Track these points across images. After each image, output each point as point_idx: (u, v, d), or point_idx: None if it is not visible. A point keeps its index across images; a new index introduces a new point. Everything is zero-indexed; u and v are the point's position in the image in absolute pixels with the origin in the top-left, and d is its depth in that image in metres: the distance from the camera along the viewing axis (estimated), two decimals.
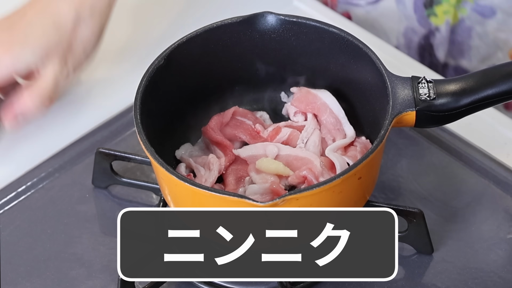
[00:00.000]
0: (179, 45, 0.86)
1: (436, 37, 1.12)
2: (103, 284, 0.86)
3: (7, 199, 0.93)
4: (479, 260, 0.86)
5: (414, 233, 0.85)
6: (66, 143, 0.99)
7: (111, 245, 0.89)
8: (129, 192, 0.93)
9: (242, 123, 0.90)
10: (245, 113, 0.91)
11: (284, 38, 0.88)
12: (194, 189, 0.75)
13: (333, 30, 0.86)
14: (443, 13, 1.09)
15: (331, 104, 0.88)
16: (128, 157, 0.91)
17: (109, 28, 1.01)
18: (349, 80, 0.88)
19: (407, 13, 1.11)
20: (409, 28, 1.13)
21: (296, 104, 0.90)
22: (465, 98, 0.79)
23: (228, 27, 0.88)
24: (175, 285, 0.85)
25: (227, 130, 0.90)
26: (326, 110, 0.88)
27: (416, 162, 0.95)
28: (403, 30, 1.14)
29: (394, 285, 0.84)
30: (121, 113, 1.01)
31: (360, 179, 0.77)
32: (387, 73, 0.81)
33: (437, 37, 1.12)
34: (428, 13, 1.10)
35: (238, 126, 0.90)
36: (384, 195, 0.91)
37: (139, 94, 0.82)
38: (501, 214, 0.90)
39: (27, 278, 0.87)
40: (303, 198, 0.74)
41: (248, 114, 0.91)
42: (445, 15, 1.09)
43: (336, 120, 0.88)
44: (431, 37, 1.13)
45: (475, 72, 0.80)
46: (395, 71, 0.82)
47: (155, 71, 0.84)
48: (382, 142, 0.76)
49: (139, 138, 0.78)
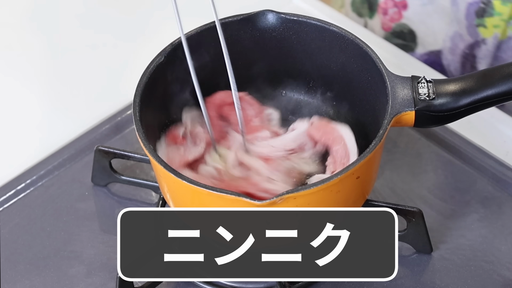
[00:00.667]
0: (179, 43, 0.86)
1: (481, 49, 1.09)
2: (102, 281, 0.86)
3: (6, 197, 0.94)
4: (478, 258, 0.86)
5: (413, 232, 0.85)
6: (66, 141, 0.99)
7: (110, 243, 0.89)
8: (129, 190, 0.93)
9: (244, 109, 0.90)
10: (252, 102, 0.91)
11: (285, 36, 0.88)
12: (192, 187, 0.74)
13: (333, 29, 0.86)
14: (493, 26, 1.05)
15: (348, 139, 0.86)
16: (128, 155, 0.91)
17: (109, 25, 1.01)
18: (349, 79, 0.88)
19: (458, 17, 1.08)
20: (457, 34, 1.10)
21: (313, 131, 0.88)
22: (465, 99, 0.79)
23: (229, 25, 0.87)
24: (174, 284, 0.85)
25: (225, 109, 0.90)
26: (340, 142, 0.86)
27: (415, 160, 0.95)
28: (452, 34, 1.11)
29: (394, 284, 0.85)
30: (120, 110, 1.02)
31: (358, 179, 0.77)
32: (386, 72, 0.81)
33: (482, 50, 1.09)
34: (478, 23, 1.06)
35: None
36: (383, 194, 0.91)
37: (139, 91, 0.81)
38: (500, 213, 0.90)
39: (26, 275, 0.87)
40: (301, 197, 0.74)
41: (255, 105, 0.91)
42: (495, 29, 1.06)
43: (346, 154, 0.86)
44: (476, 48, 1.09)
45: (475, 72, 0.80)
46: (396, 70, 0.82)
47: (155, 69, 0.84)
48: (381, 142, 0.76)
49: (138, 136, 0.78)
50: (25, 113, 1.04)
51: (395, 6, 1.15)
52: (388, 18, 1.16)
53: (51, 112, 1.04)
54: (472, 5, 1.05)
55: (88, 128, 1.00)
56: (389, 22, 1.16)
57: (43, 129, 1.02)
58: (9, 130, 1.03)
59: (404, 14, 1.14)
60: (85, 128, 1.00)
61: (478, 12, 1.06)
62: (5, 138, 1.01)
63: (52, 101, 1.06)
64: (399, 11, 1.15)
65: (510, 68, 0.78)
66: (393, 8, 1.15)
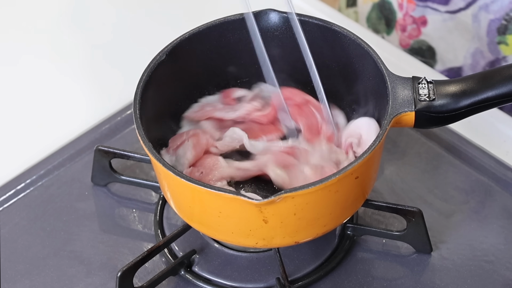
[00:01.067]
0: (181, 41, 0.86)
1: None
2: (102, 281, 0.86)
3: (6, 197, 0.94)
4: (477, 257, 0.86)
5: (413, 232, 0.85)
6: (66, 140, 0.99)
7: (110, 242, 0.89)
8: (128, 190, 0.93)
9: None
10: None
11: (287, 36, 0.88)
12: (193, 186, 0.74)
13: (335, 28, 0.86)
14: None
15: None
16: (127, 154, 0.91)
17: (109, 24, 1.01)
18: (351, 79, 0.87)
19: (480, 33, 1.07)
20: (478, 50, 1.08)
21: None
22: (465, 100, 0.78)
23: (231, 24, 0.87)
24: (174, 284, 0.85)
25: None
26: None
27: (415, 160, 0.95)
28: (473, 51, 1.09)
29: (394, 284, 0.84)
30: (120, 110, 1.01)
31: (357, 179, 0.77)
32: (387, 72, 0.81)
33: None
34: (499, 40, 1.05)
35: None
36: (383, 194, 0.91)
37: (139, 90, 0.81)
38: (500, 212, 0.90)
39: (26, 275, 0.87)
40: (299, 196, 0.73)
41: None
42: None
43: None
44: (497, 65, 1.07)
45: (475, 73, 0.80)
46: (398, 71, 0.82)
47: (156, 67, 0.83)
48: (380, 142, 0.76)
49: (139, 135, 0.78)
50: (25, 113, 1.04)
51: (414, 22, 1.14)
52: (406, 35, 1.15)
53: (51, 112, 1.04)
54: (494, 21, 1.04)
55: (88, 128, 1.00)
56: (407, 39, 1.15)
57: (43, 129, 1.02)
58: (9, 130, 1.03)
59: (423, 30, 1.13)
60: (85, 128, 1.00)
61: (499, 29, 1.05)
62: (5, 138, 1.01)
63: (52, 101, 1.06)
64: (418, 27, 1.13)
65: (510, 70, 0.78)
66: (412, 24, 1.14)
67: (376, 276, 0.85)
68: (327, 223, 0.79)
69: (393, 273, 0.85)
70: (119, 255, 0.88)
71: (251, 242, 0.79)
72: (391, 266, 0.86)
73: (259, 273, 0.85)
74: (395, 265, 0.86)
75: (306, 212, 0.76)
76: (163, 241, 0.85)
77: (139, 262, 0.82)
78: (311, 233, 0.79)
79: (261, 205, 0.73)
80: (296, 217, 0.75)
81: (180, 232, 0.86)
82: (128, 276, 0.81)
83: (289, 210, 0.75)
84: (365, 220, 0.89)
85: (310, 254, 0.86)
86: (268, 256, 0.86)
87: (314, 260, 0.86)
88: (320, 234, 0.79)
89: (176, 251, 0.87)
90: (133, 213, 0.92)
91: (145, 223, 0.91)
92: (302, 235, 0.79)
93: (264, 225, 0.76)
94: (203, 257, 0.87)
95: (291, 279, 0.84)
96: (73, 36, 1.14)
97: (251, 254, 0.87)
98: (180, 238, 0.86)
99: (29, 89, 1.07)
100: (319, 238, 0.80)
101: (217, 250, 0.87)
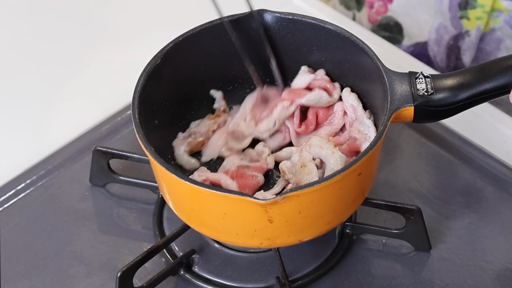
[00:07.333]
0: (175, 44, 0.86)
1: (465, 41, 1.10)
2: (102, 281, 0.86)
3: (6, 197, 0.94)
4: (477, 257, 0.86)
5: (412, 230, 0.85)
6: (65, 141, 0.99)
7: (110, 243, 0.89)
8: (127, 190, 0.93)
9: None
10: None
11: (280, 35, 0.88)
12: (193, 187, 0.75)
13: (329, 26, 0.86)
14: (475, 18, 1.07)
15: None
16: (126, 155, 0.91)
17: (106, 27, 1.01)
18: (346, 76, 0.88)
19: (442, 9, 1.09)
20: (442, 25, 1.11)
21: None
22: (463, 93, 0.79)
23: (223, 26, 0.87)
24: (174, 284, 0.85)
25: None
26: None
27: (414, 159, 0.95)
28: (437, 26, 1.12)
29: (393, 283, 0.84)
30: (118, 111, 1.02)
31: (360, 175, 0.77)
32: (384, 68, 0.81)
33: (466, 41, 1.10)
34: (461, 15, 1.08)
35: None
36: (383, 194, 0.91)
37: (137, 92, 0.82)
38: (500, 212, 0.90)
39: (26, 275, 0.87)
40: (304, 194, 0.74)
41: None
42: (477, 21, 1.07)
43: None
44: (460, 39, 1.10)
45: (472, 66, 0.80)
46: (393, 67, 0.82)
47: (152, 70, 0.84)
48: (382, 138, 0.76)
49: (138, 136, 0.78)
50: (25, 113, 1.05)
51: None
52: (374, 11, 1.17)
53: (51, 112, 1.04)
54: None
55: (87, 128, 1.00)
56: (375, 15, 1.18)
57: (43, 129, 1.02)
58: (9, 130, 1.03)
59: (390, 7, 1.16)
60: (84, 129, 1.00)
61: (461, 4, 1.07)
62: (5, 138, 1.02)
63: (51, 101, 1.06)
64: (384, 4, 1.16)
65: (507, 62, 0.78)
66: (379, 1, 1.16)
67: (376, 274, 0.85)
68: (331, 220, 0.79)
69: (392, 272, 0.85)
70: (119, 255, 0.88)
71: (255, 242, 0.78)
72: (390, 265, 0.86)
73: (259, 273, 0.85)
74: (395, 264, 0.86)
75: (310, 210, 0.76)
76: (162, 241, 0.85)
77: (139, 262, 0.82)
78: (315, 231, 0.79)
79: (266, 205, 0.73)
80: (301, 215, 0.76)
81: (180, 231, 0.86)
82: (128, 276, 0.81)
83: (294, 209, 0.75)
84: (364, 219, 0.89)
85: (309, 253, 0.86)
86: (268, 256, 0.86)
87: (314, 259, 0.86)
88: (324, 231, 0.79)
89: (175, 251, 0.87)
90: (133, 213, 0.92)
91: (144, 223, 0.91)
92: (307, 233, 0.79)
93: (269, 225, 0.76)
94: (203, 257, 0.87)
95: (291, 279, 0.84)
96: (72, 36, 1.15)
97: (251, 254, 0.87)
98: (179, 238, 0.86)
99: (29, 90, 1.08)
100: (319, 237, 0.80)
101: (217, 250, 0.87)
